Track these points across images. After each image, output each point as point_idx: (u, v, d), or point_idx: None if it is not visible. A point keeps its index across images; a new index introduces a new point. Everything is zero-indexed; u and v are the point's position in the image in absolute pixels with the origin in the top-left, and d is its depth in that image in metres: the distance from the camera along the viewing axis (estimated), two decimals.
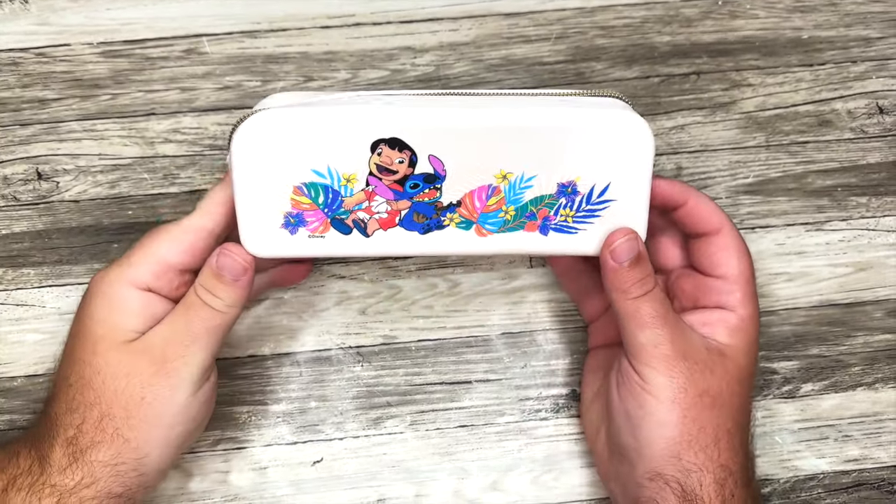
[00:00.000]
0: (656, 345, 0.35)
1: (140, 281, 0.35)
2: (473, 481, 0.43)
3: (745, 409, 0.37)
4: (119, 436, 0.34)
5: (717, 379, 0.35)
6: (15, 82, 0.44)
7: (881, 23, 0.46)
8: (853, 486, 0.43)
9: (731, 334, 0.36)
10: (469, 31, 0.45)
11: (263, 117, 0.33)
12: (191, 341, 0.35)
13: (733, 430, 0.36)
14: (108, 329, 0.34)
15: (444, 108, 0.34)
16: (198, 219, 0.35)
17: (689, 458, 0.35)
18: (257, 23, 0.44)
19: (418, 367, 0.43)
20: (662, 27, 0.45)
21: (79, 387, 0.34)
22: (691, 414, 0.35)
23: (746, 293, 0.37)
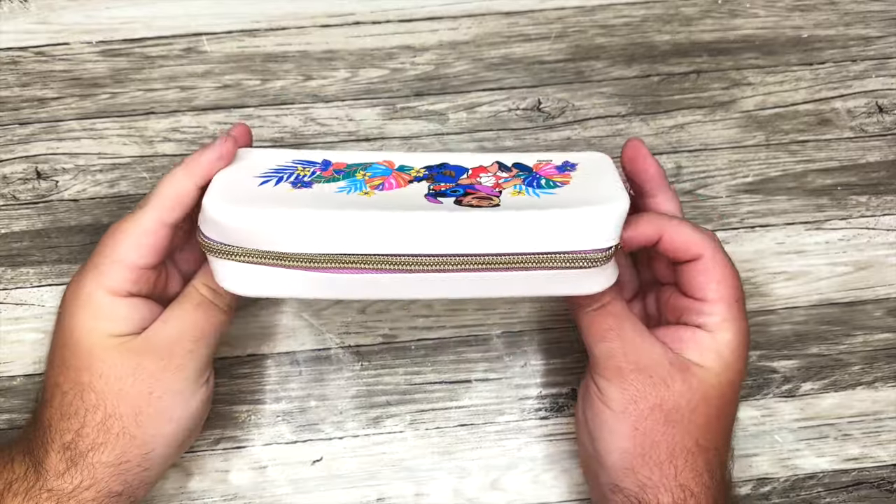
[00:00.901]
0: (609, 357, 0.35)
1: (118, 289, 0.34)
2: (473, 480, 0.43)
3: (711, 430, 0.35)
4: (125, 433, 0.34)
5: (674, 394, 0.34)
6: (14, 81, 0.44)
7: (881, 22, 0.46)
8: (853, 485, 0.43)
9: (702, 354, 0.35)
10: (469, 29, 0.45)
11: (233, 280, 0.33)
12: (199, 337, 0.35)
13: (695, 450, 0.34)
14: (100, 336, 0.34)
15: (404, 290, 0.32)
16: (154, 214, 0.34)
17: (645, 473, 0.34)
18: (257, 21, 0.44)
19: (418, 366, 0.43)
20: (662, 26, 0.45)
21: (76, 392, 0.34)
22: (643, 427, 0.34)
23: (727, 317, 0.35)
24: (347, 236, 0.31)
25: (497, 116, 0.45)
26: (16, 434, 0.36)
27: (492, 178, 0.35)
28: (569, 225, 0.31)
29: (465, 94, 0.45)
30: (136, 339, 0.35)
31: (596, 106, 0.45)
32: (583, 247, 0.31)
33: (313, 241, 0.31)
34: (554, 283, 0.33)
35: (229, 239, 0.32)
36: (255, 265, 0.32)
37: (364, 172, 0.35)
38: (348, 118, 0.44)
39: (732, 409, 0.36)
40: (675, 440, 0.34)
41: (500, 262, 0.31)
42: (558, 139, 0.45)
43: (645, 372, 0.34)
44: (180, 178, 0.35)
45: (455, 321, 0.44)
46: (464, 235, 0.31)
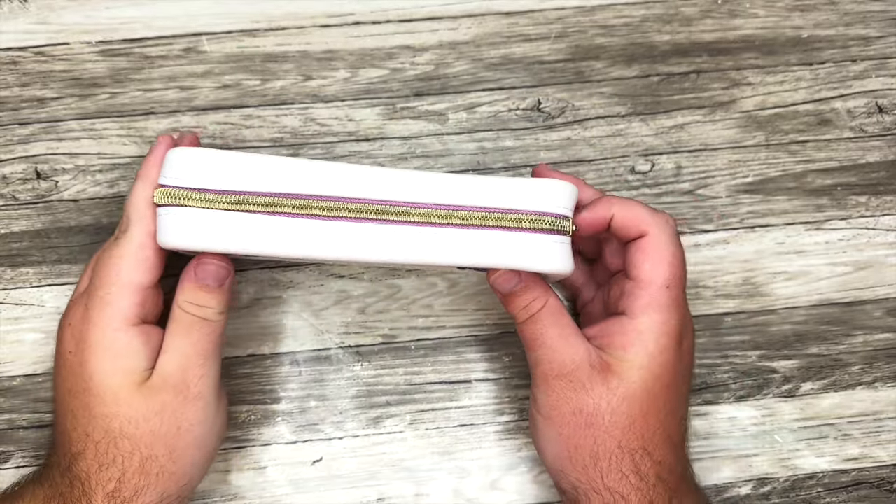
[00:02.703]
0: (536, 364, 0.36)
1: (130, 317, 0.34)
2: (473, 480, 0.43)
3: (636, 430, 0.34)
4: (164, 472, 0.34)
5: (593, 398, 0.34)
6: (14, 81, 0.44)
7: (881, 22, 0.46)
8: (853, 485, 0.43)
9: (625, 346, 0.35)
10: (468, 29, 0.45)
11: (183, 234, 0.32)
12: (204, 359, 0.35)
13: (618, 452, 0.34)
14: (121, 377, 0.33)
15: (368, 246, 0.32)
16: (141, 229, 0.34)
17: (574, 475, 0.35)
18: (257, 21, 0.44)
19: (418, 366, 0.43)
20: (662, 26, 0.45)
21: (109, 441, 0.33)
22: (565, 431, 0.35)
23: (653, 300, 0.34)
24: (305, 179, 0.32)
25: (497, 116, 0.45)
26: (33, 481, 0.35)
27: None
28: (523, 188, 0.33)
29: (465, 94, 0.45)
30: (151, 377, 0.34)
31: (596, 106, 0.45)
32: (536, 208, 0.33)
33: (272, 180, 0.32)
34: (508, 250, 0.33)
35: (191, 182, 0.32)
36: (211, 211, 0.32)
37: None
38: (348, 118, 0.44)
39: (663, 406, 0.35)
40: (596, 443, 0.34)
41: (456, 217, 0.32)
42: (558, 139, 0.45)
43: (566, 377, 0.35)
44: (143, 190, 0.34)
45: (455, 321, 0.44)
46: (418, 187, 0.32)
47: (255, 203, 0.32)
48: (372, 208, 0.32)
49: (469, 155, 0.44)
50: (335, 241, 0.32)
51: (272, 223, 0.32)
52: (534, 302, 0.35)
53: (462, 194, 0.33)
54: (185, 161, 0.32)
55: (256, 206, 0.32)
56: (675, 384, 0.35)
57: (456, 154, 0.44)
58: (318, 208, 0.32)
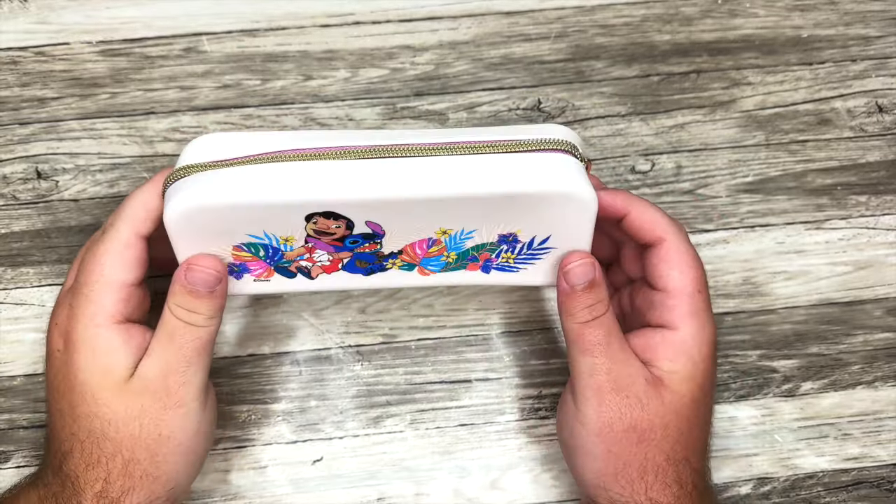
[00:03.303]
0: (592, 373, 0.34)
1: (113, 314, 0.33)
2: (473, 480, 0.43)
3: (682, 442, 0.34)
4: (147, 476, 0.33)
5: (648, 414, 0.34)
6: (14, 81, 0.44)
7: (880, 21, 0.46)
8: (853, 485, 0.43)
9: (673, 358, 0.34)
10: (468, 29, 0.45)
11: (190, 195, 0.31)
12: (187, 366, 0.34)
13: (665, 464, 0.34)
14: (101, 376, 0.33)
15: (379, 181, 0.31)
16: (128, 227, 0.34)
17: (616, 490, 0.34)
18: (257, 21, 0.44)
19: (418, 365, 0.43)
20: (662, 26, 0.45)
21: (92, 441, 0.33)
22: (616, 449, 0.34)
23: (689, 308, 0.34)
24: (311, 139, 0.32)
25: (497, 116, 0.45)
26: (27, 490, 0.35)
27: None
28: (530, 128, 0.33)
29: (465, 94, 0.45)
30: (132, 379, 0.33)
31: (596, 106, 0.45)
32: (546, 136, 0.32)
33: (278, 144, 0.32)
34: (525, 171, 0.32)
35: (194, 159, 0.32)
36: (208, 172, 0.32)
37: None
38: (348, 118, 0.44)
39: (704, 414, 0.36)
40: (646, 458, 0.34)
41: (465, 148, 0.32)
42: None
43: (623, 392, 0.34)
44: (149, 192, 0.34)
45: (455, 321, 0.44)
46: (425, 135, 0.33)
47: (262, 158, 0.32)
48: (380, 148, 0.31)
49: None
50: (346, 179, 0.31)
51: (280, 168, 0.31)
52: (599, 304, 0.34)
53: (471, 134, 0.33)
54: (192, 148, 0.33)
55: (263, 160, 0.31)
56: (712, 391, 0.36)
57: None
58: (325, 154, 0.31)
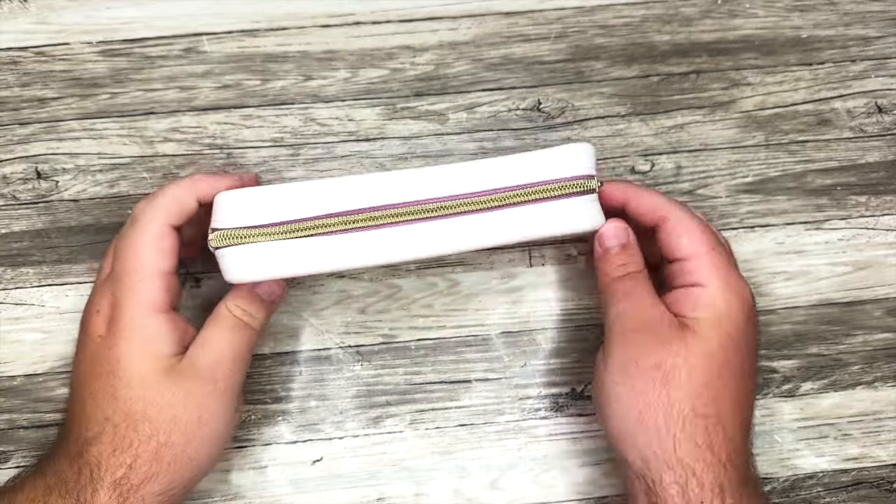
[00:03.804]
0: (619, 318, 0.36)
1: (158, 303, 0.35)
2: (473, 480, 0.43)
3: (710, 394, 0.34)
4: (176, 461, 0.34)
5: (672, 353, 0.34)
6: (14, 81, 0.44)
7: (880, 22, 0.46)
8: (852, 485, 0.43)
9: (696, 308, 0.35)
10: (468, 30, 0.45)
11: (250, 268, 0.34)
12: (238, 359, 0.36)
13: (693, 417, 0.33)
14: (150, 362, 0.34)
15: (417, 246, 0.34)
16: (161, 218, 0.35)
17: (643, 440, 0.34)
18: (257, 21, 0.44)
19: (418, 366, 0.43)
20: (662, 26, 0.46)
21: (129, 423, 0.33)
22: (639, 386, 0.34)
23: (708, 264, 0.36)
24: (352, 194, 0.34)
25: (497, 116, 0.45)
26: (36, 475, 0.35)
27: None
28: (546, 159, 0.36)
29: (465, 95, 0.45)
30: (181, 362, 0.35)
31: (596, 106, 0.45)
32: (563, 174, 0.35)
33: (321, 203, 0.34)
34: (544, 220, 0.35)
35: (237, 222, 0.34)
36: (267, 243, 0.34)
37: None
38: (348, 118, 0.44)
39: (737, 369, 0.35)
40: (670, 402, 0.33)
41: (493, 200, 0.35)
42: (558, 139, 0.45)
43: (647, 331, 0.35)
44: (185, 189, 0.36)
45: (455, 321, 0.44)
46: (462, 177, 0.35)
47: (308, 227, 0.34)
48: (416, 209, 0.34)
49: (469, 155, 0.44)
50: (391, 246, 0.34)
51: (329, 242, 0.34)
52: (631, 263, 0.37)
53: (493, 178, 0.35)
54: (234, 203, 0.34)
55: (310, 230, 0.34)
56: (747, 351, 0.36)
57: (456, 154, 0.44)
58: (368, 219, 0.34)
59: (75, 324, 0.42)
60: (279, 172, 0.44)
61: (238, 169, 0.44)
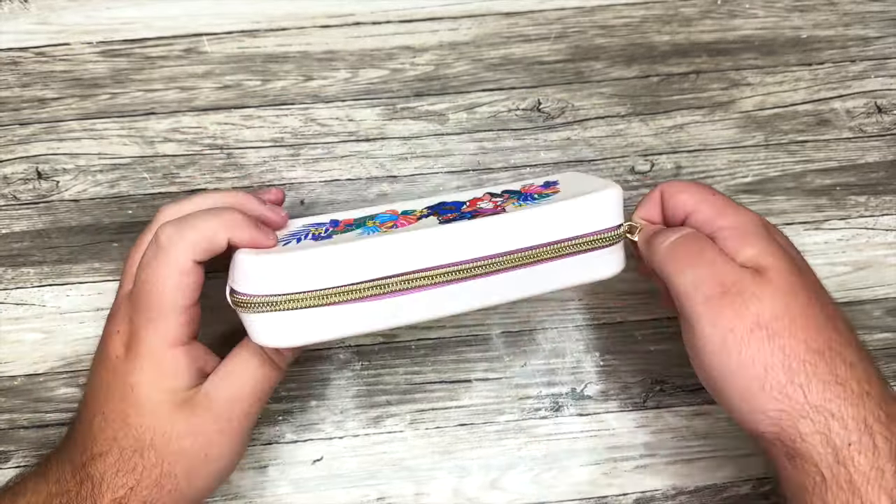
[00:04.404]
0: (698, 285, 0.32)
1: (178, 337, 0.34)
2: (473, 480, 0.43)
3: (813, 324, 0.31)
4: (176, 491, 0.34)
5: (765, 303, 0.31)
6: (14, 81, 0.44)
7: (880, 22, 0.46)
8: None
9: (744, 242, 0.33)
10: (468, 30, 0.45)
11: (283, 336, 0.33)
12: (258, 398, 0.35)
13: (808, 356, 0.30)
14: (164, 393, 0.34)
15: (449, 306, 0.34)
16: (188, 253, 0.33)
17: (773, 407, 0.30)
18: (257, 22, 0.44)
19: (418, 365, 0.43)
20: (662, 26, 0.46)
21: (135, 449, 0.33)
22: (750, 353, 0.31)
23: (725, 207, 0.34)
24: (385, 260, 0.32)
25: (497, 117, 0.45)
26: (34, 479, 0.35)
27: (488, 203, 0.37)
28: (577, 211, 0.35)
29: (465, 95, 0.45)
30: (197, 394, 0.34)
31: (596, 106, 0.45)
32: (594, 228, 0.35)
33: (354, 270, 0.32)
34: (575, 270, 0.35)
35: (268, 290, 0.32)
36: (298, 311, 0.32)
37: (373, 221, 0.36)
38: (348, 118, 0.44)
39: (820, 297, 0.33)
40: (785, 353, 0.31)
41: (527, 257, 0.34)
42: (558, 139, 0.45)
43: (732, 292, 0.31)
44: (219, 227, 0.33)
45: (455, 321, 0.44)
46: (492, 237, 0.33)
47: (339, 294, 0.32)
48: (447, 272, 0.33)
49: (469, 155, 0.44)
50: (423, 308, 0.33)
51: (361, 308, 0.33)
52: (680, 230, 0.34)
53: (522, 236, 0.34)
54: (259, 270, 0.32)
55: (341, 297, 0.32)
56: (809, 269, 0.34)
57: (456, 154, 0.44)
58: (402, 283, 0.33)
59: (76, 324, 0.42)
60: (279, 172, 0.44)
61: (238, 170, 0.44)
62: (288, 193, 0.44)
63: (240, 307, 0.33)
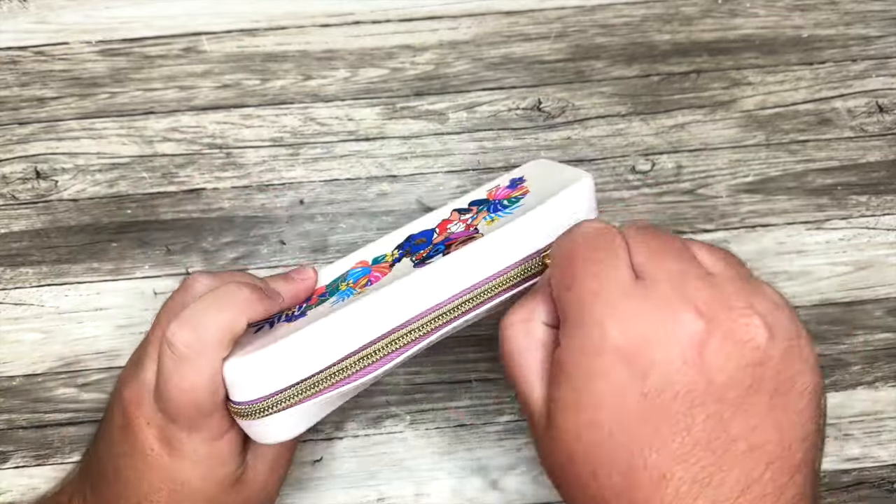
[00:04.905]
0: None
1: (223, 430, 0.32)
2: (473, 480, 0.43)
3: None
4: None
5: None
6: (13, 81, 0.44)
7: (881, 21, 0.46)
8: (853, 485, 0.43)
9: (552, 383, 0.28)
10: (468, 29, 0.45)
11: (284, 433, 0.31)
12: (286, 461, 0.36)
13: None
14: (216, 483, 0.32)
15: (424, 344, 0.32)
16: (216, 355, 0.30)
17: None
18: (256, 21, 0.44)
19: (418, 365, 0.43)
20: (662, 25, 0.45)
21: None
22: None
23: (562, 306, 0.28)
24: (373, 322, 0.30)
25: (497, 116, 0.45)
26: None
27: (459, 224, 0.35)
28: (553, 214, 0.32)
29: (465, 94, 0.45)
30: (245, 473, 0.34)
31: (596, 105, 0.45)
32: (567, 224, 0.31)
33: (343, 344, 0.30)
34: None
35: (260, 392, 0.30)
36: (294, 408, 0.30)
37: (345, 282, 0.35)
38: (348, 118, 0.44)
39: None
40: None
41: (513, 278, 0.32)
42: (558, 139, 0.45)
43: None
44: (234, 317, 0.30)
45: None
46: (471, 267, 0.31)
47: (332, 374, 0.30)
48: (435, 317, 0.31)
49: (469, 155, 0.44)
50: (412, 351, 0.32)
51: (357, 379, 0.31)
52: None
53: (505, 254, 0.32)
54: (245, 377, 0.30)
55: (335, 377, 0.30)
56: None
57: (456, 154, 0.44)
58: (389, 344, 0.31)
59: (74, 324, 0.42)
60: (278, 172, 0.44)
61: (237, 169, 0.44)
62: (287, 193, 0.44)
63: (236, 417, 0.31)
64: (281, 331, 0.32)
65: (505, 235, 0.31)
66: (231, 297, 0.31)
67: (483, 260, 0.31)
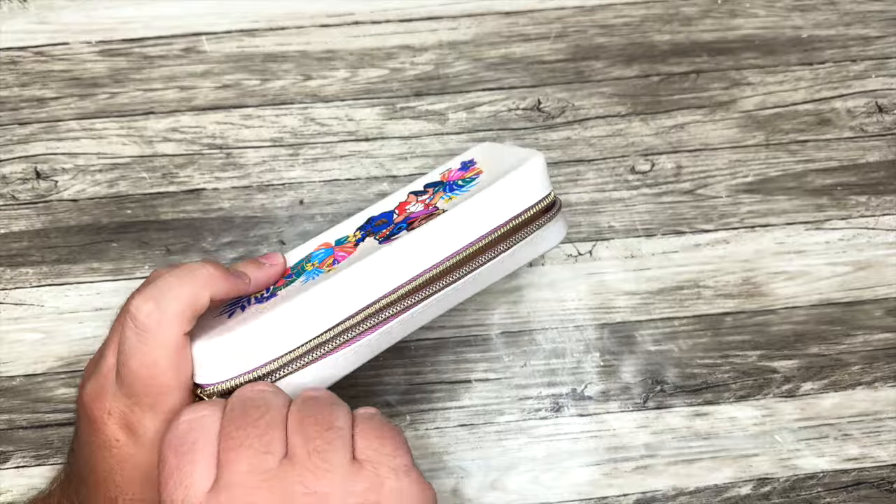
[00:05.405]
0: None
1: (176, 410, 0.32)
2: (473, 480, 0.43)
3: None
4: None
5: None
6: (13, 81, 0.44)
7: (880, 22, 0.46)
8: (853, 485, 0.43)
9: None
10: (468, 29, 0.45)
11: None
12: None
13: None
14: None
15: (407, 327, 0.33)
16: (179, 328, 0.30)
17: None
18: (256, 21, 0.44)
19: (418, 366, 0.43)
20: (662, 26, 0.45)
21: None
22: None
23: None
24: (340, 302, 0.31)
25: (497, 116, 0.45)
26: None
27: (418, 204, 0.36)
28: (511, 189, 0.33)
29: (464, 94, 0.45)
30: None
31: (596, 106, 0.45)
32: (530, 201, 0.33)
33: (318, 321, 0.31)
34: (524, 248, 0.34)
35: (230, 372, 0.30)
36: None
37: (311, 263, 0.35)
38: (348, 118, 0.44)
39: None
40: None
41: (477, 252, 0.33)
42: (558, 139, 0.45)
43: None
44: (198, 289, 0.31)
45: (455, 321, 0.44)
46: (436, 242, 0.32)
47: (303, 354, 0.31)
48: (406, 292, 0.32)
49: None
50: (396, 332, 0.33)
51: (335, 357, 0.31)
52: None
53: (467, 230, 0.33)
54: (214, 356, 0.30)
55: (307, 357, 0.31)
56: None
57: (456, 154, 0.44)
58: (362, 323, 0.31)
59: (74, 324, 0.42)
60: (278, 172, 0.44)
61: (237, 169, 0.44)
62: (287, 193, 0.44)
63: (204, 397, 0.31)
64: (255, 311, 0.32)
65: (469, 207, 0.33)
66: (193, 272, 0.31)
67: (449, 232, 0.32)
